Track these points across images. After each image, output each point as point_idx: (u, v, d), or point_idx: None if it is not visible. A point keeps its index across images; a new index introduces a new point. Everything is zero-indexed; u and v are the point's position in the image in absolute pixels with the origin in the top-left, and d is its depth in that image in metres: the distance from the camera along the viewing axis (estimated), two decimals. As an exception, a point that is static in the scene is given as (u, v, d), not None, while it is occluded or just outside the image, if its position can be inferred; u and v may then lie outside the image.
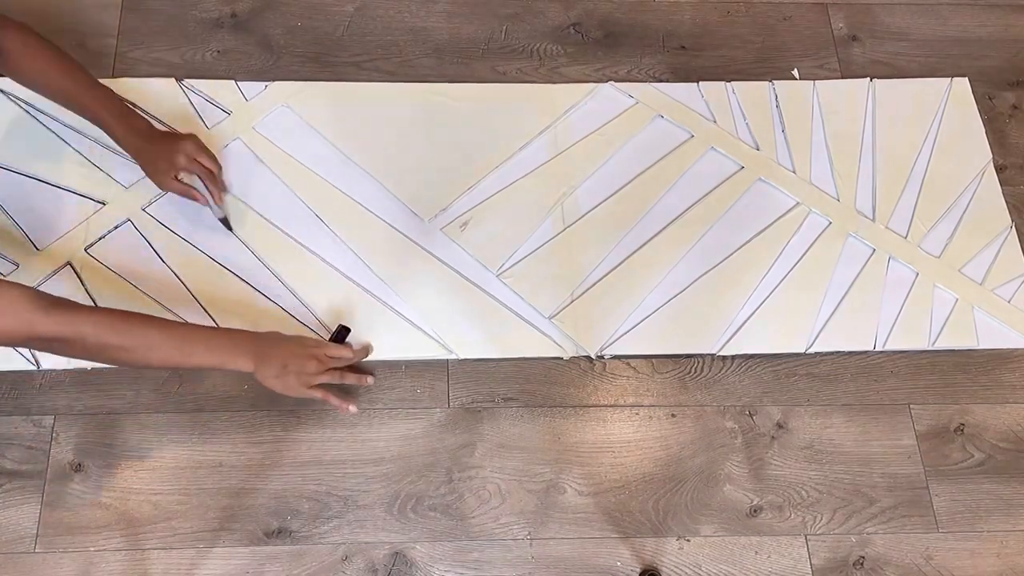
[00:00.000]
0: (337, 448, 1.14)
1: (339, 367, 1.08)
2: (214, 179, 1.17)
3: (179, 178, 1.14)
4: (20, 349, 1.14)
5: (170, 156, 1.13)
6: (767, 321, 1.23)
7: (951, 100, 1.40)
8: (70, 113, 1.25)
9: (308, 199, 1.25)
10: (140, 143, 1.13)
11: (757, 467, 1.17)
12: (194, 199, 1.16)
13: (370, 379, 1.13)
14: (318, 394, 1.05)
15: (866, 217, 1.30)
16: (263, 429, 1.14)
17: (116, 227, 1.22)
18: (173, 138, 1.16)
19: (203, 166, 1.15)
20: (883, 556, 1.13)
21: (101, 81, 1.20)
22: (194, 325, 1.09)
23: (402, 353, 1.18)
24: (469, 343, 1.19)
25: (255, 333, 1.04)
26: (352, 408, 1.09)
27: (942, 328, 1.24)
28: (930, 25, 1.48)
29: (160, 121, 1.28)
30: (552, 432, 1.17)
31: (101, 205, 1.23)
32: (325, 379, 1.05)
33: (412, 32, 1.41)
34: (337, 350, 1.09)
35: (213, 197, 1.17)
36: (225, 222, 1.20)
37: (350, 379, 1.09)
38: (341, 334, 1.14)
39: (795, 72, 1.42)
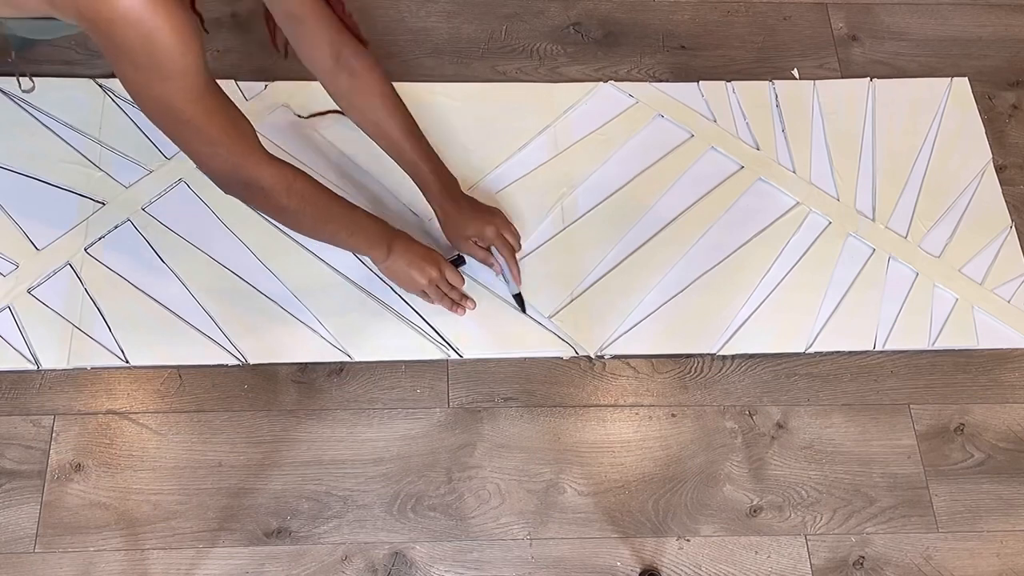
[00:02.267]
0: (337, 448, 1.14)
1: (454, 298, 1.17)
2: (514, 258, 1.19)
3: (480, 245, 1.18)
4: (20, 348, 1.14)
5: (480, 226, 1.16)
6: (767, 321, 1.23)
7: (951, 100, 1.40)
8: (70, 113, 1.25)
9: (308, 199, 1.25)
10: (450, 206, 1.16)
11: (757, 467, 1.17)
12: (490, 266, 1.20)
13: (470, 306, 1.19)
14: (428, 298, 1.16)
15: (866, 217, 1.30)
16: (263, 429, 1.14)
17: (116, 227, 1.22)
18: (484, 209, 1.19)
19: (508, 243, 1.18)
20: (883, 556, 1.13)
21: (105, 80, 1.21)
22: (354, 210, 1.08)
23: (402, 353, 1.18)
24: (469, 343, 1.19)
25: (392, 229, 1.12)
26: (470, 306, 1.18)
27: (942, 328, 1.24)
28: (930, 25, 1.48)
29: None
30: (552, 432, 1.17)
31: (101, 205, 1.23)
32: (434, 292, 1.15)
33: (412, 32, 1.40)
34: (454, 274, 1.16)
35: (514, 277, 1.19)
36: (519, 299, 1.20)
37: (446, 303, 1.17)
38: (458, 261, 1.20)
39: (795, 72, 1.42)
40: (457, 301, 1.18)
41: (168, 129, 0.89)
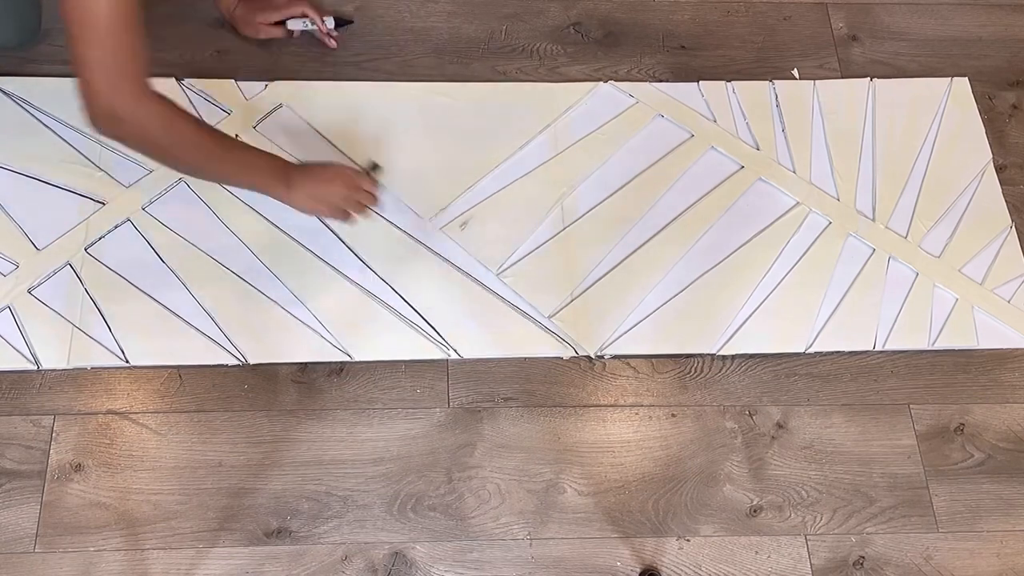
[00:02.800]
0: (337, 448, 1.14)
1: (369, 203, 1.13)
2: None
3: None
4: (20, 348, 1.14)
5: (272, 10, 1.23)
6: (767, 321, 1.23)
7: (951, 100, 1.40)
8: (70, 113, 1.26)
9: (308, 199, 1.25)
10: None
11: (757, 467, 1.17)
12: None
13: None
14: (339, 218, 1.11)
15: (866, 217, 1.30)
16: (263, 429, 1.14)
17: (116, 227, 1.22)
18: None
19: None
20: (883, 556, 1.13)
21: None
22: (240, 147, 1.08)
23: (402, 353, 1.18)
24: (469, 343, 1.19)
25: (291, 165, 1.09)
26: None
27: (942, 328, 1.24)
28: (930, 25, 1.48)
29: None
30: (552, 432, 1.17)
31: (101, 205, 1.23)
32: (354, 207, 1.11)
33: (412, 32, 1.40)
34: (369, 186, 1.13)
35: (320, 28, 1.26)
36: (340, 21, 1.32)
37: (365, 213, 1.13)
38: (374, 169, 1.18)
39: (795, 72, 1.42)
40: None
41: (77, 27, 0.87)
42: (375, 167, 1.19)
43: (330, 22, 1.34)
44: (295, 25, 1.33)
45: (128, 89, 0.90)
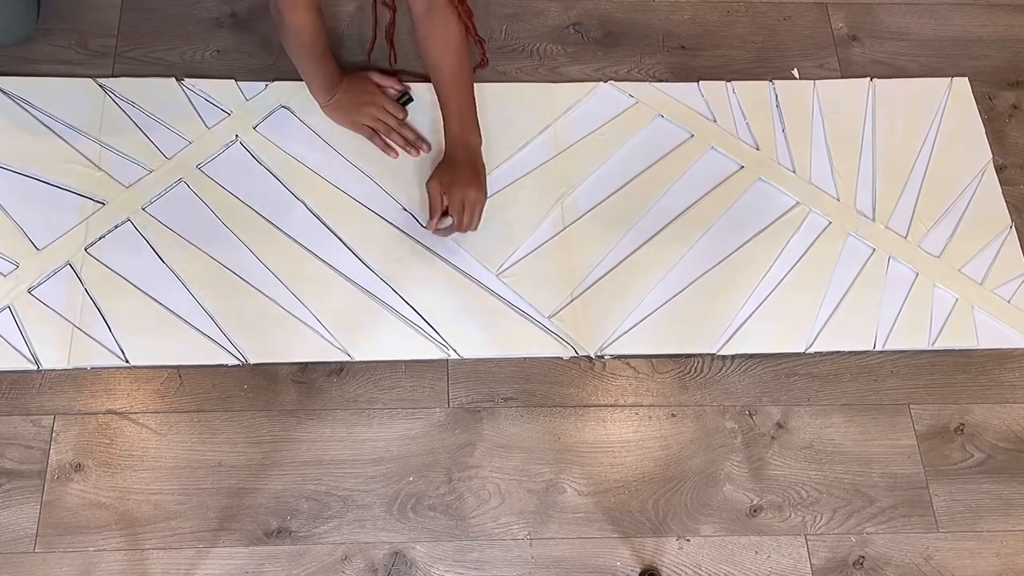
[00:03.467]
0: (337, 448, 1.14)
1: (392, 125, 1.28)
2: (459, 224, 1.21)
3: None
4: (20, 348, 1.14)
5: (452, 191, 1.19)
6: (767, 321, 1.23)
7: (951, 100, 1.40)
8: (70, 113, 1.26)
9: (307, 199, 1.26)
10: (445, 160, 1.22)
11: (757, 467, 1.17)
12: (436, 216, 1.21)
13: (424, 149, 1.29)
14: (365, 132, 1.28)
15: (866, 217, 1.30)
16: (263, 429, 1.14)
17: (116, 227, 1.22)
18: (468, 179, 1.20)
19: (462, 218, 1.21)
20: (883, 556, 1.13)
21: (105, 80, 1.20)
22: (325, 56, 1.21)
23: (402, 353, 1.18)
24: (469, 343, 1.19)
25: (341, 76, 1.25)
26: (424, 149, 1.29)
27: (942, 328, 1.24)
28: (930, 25, 1.48)
29: (159, 121, 1.28)
30: (552, 432, 1.17)
31: (101, 205, 1.23)
32: (376, 125, 1.27)
33: (412, 32, 1.40)
34: (394, 107, 1.29)
35: (439, 228, 1.22)
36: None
37: (396, 138, 1.28)
38: (403, 97, 1.30)
39: (795, 72, 1.42)
40: (411, 141, 1.28)
41: None
42: (404, 97, 1.31)
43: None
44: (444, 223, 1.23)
45: (290, 4, 1.10)
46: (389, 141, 1.28)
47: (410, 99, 1.31)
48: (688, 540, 1.13)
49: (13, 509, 1.08)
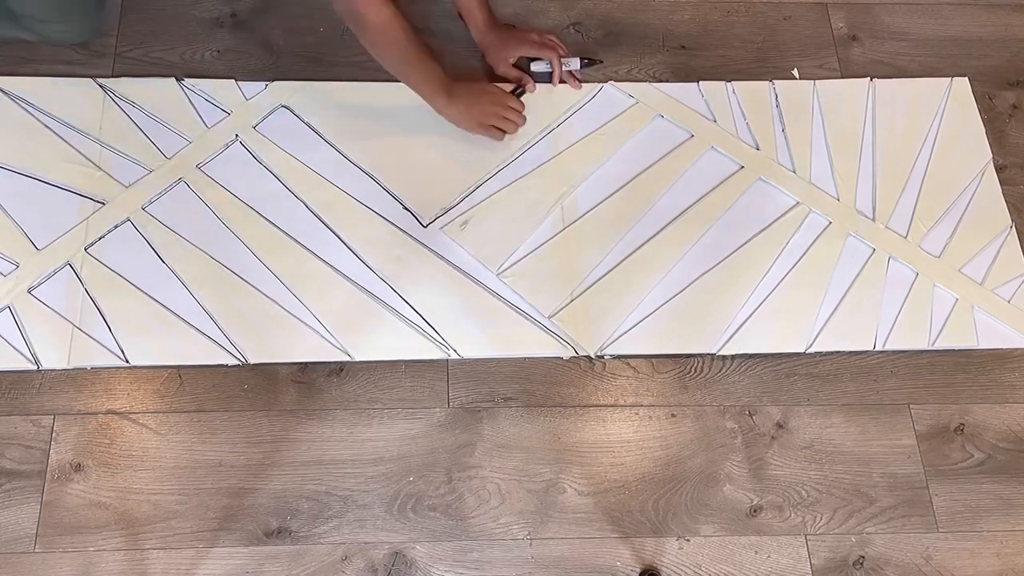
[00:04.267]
0: (337, 448, 1.14)
1: (519, 122, 1.29)
2: (557, 58, 1.33)
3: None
4: (20, 348, 1.14)
5: (516, 45, 1.32)
6: (767, 321, 1.23)
7: (951, 100, 1.40)
8: (70, 113, 1.26)
9: (307, 199, 1.26)
10: (492, 35, 1.32)
11: (757, 467, 1.17)
12: (523, 84, 1.32)
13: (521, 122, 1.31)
14: (494, 133, 1.28)
15: (866, 217, 1.30)
16: (263, 429, 1.14)
17: (116, 227, 1.22)
18: (520, 32, 1.34)
19: (548, 47, 1.33)
20: (883, 556, 1.13)
21: (105, 80, 1.20)
22: (429, 60, 1.22)
23: (402, 353, 1.18)
24: (469, 342, 1.19)
25: (454, 80, 1.25)
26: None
27: (942, 328, 1.24)
28: (930, 25, 1.48)
29: (159, 121, 1.28)
30: (552, 432, 1.17)
31: (101, 205, 1.23)
32: (506, 126, 1.28)
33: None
34: (516, 102, 1.29)
35: (555, 72, 1.34)
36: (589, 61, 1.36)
37: (513, 128, 1.30)
38: (518, 91, 1.31)
39: (795, 72, 1.41)
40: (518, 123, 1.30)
41: None
42: (519, 89, 1.32)
43: (575, 63, 1.35)
44: (539, 67, 1.35)
45: (366, 1, 1.10)
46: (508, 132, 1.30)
47: (524, 91, 1.32)
48: (688, 540, 1.13)
49: (13, 509, 1.08)
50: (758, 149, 1.34)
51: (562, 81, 1.35)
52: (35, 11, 1.23)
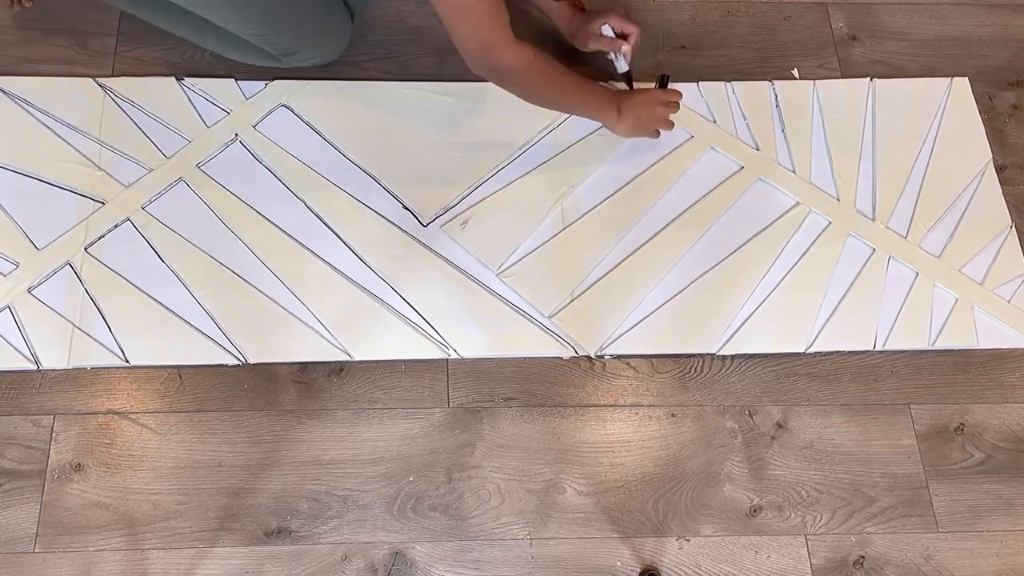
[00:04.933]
0: (337, 448, 1.14)
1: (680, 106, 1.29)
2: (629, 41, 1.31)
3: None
4: (20, 348, 1.14)
5: (600, 21, 1.30)
6: (767, 321, 1.23)
7: (951, 100, 1.40)
8: (70, 113, 1.26)
9: (307, 198, 1.26)
10: (577, 17, 1.32)
11: (757, 467, 1.17)
12: (616, 51, 1.30)
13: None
14: (657, 134, 1.29)
15: (866, 217, 1.30)
16: (263, 429, 1.14)
17: (116, 226, 1.22)
18: (600, 10, 1.31)
19: (626, 27, 1.30)
20: (883, 556, 1.13)
21: (105, 80, 1.20)
22: (584, 82, 1.22)
23: (402, 353, 1.18)
24: (469, 343, 1.19)
25: (618, 94, 1.27)
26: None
27: (942, 328, 1.24)
28: (930, 25, 1.48)
29: (159, 120, 1.28)
30: (552, 432, 1.17)
31: (101, 204, 1.23)
32: (668, 125, 1.29)
33: (412, 32, 1.40)
34: (673, 95, 1.29)
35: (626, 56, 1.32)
36: (628, 77, 1.34)
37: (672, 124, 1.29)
38: (663, 80, 1.32)
39: (795, 72, 1.41)
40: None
41: (449, 14, 1.04)
42: (664, 79, 1.32)
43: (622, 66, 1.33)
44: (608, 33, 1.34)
45: (498, 48, 1.08)
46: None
47: (668, 79, 1.33)
48: (688, 540, 1.13)
49: (13, 509, 1.08)
50: (758, 149, 1.34)
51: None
52: (286, 46, 1.26)
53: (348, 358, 1.17)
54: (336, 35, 1.30)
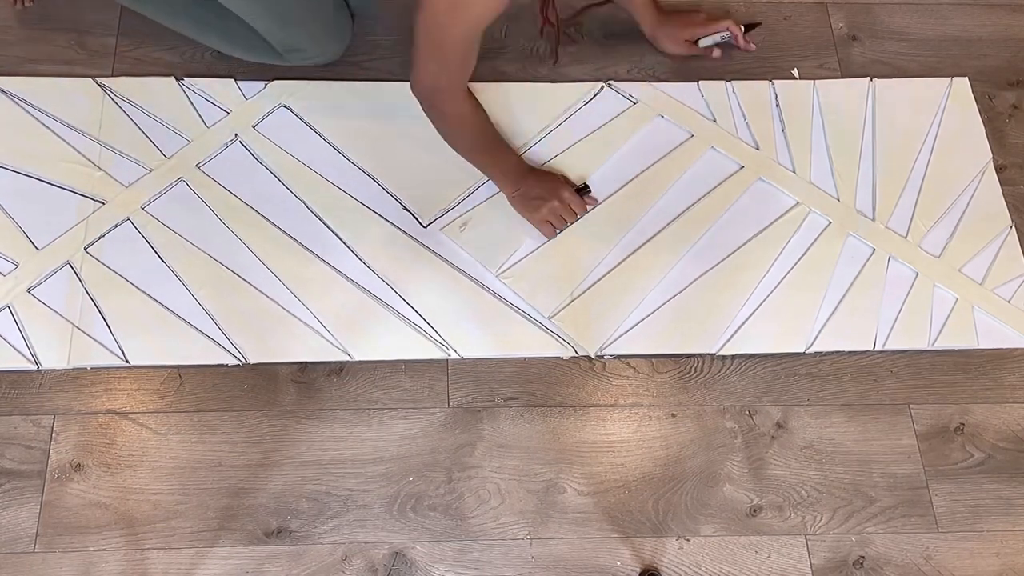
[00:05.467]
0: (336, 448, 1.14)
1: (571, 222, 1.26)
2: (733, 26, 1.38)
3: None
4: (20, 348, 1.14)
5: (693, 29, 1.38)
6: (767, 321, 1.23)
7: (951, 100, 1.40)
8: (70, 113, 1.26)
9: (307, 198, 1.26)
10: (664, 27, 1.38)
11: (757, 467, 1.17)
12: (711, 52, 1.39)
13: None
14: (546, 229, 1.25)
15: (866, 217, 1.30)
16: (263, 429, 1.14)
17: (116, 226, 1.22)
18: (687, 15, 1.39)
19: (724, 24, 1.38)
20: (883, 556, 1.13)
21: (105, 80, 1.20)
22: (500, 147, 1.25)
23: (402, 353, 1.18)
24: (469, 343, 1.19)
25: (527, 170, 1.25)
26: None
27: (942, 328, 1.24)
28: (930, 25, 1.48)
29: (159, 120, 1.28)
30: (552, 432, 1.17)
31: (101, 205, 1.23)
32: (559, 224, 1.25)
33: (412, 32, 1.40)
34: (576, 202, 1.25)
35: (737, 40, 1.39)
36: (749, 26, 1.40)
37: (563, 226, 1.26)
38: (583, 190, 1.27)
39: (795, 72, 1.41)
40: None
41: (424, 46, 1.03)
42: (585, 188, 1.28)
43: (738, 31, 1.39)
44: (707, 42, 1.38)
45: (448, 94, 1.11)
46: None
47: (589, 189, 1.28)
48: (688, 540, 1.13)
49: (13, 509, 1.08)
50: (758, 149, 1.34)
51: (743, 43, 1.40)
52: (293, 42, 1.26)
53: (348, 358, 1.17)
54: (339, 34, 1.30)
